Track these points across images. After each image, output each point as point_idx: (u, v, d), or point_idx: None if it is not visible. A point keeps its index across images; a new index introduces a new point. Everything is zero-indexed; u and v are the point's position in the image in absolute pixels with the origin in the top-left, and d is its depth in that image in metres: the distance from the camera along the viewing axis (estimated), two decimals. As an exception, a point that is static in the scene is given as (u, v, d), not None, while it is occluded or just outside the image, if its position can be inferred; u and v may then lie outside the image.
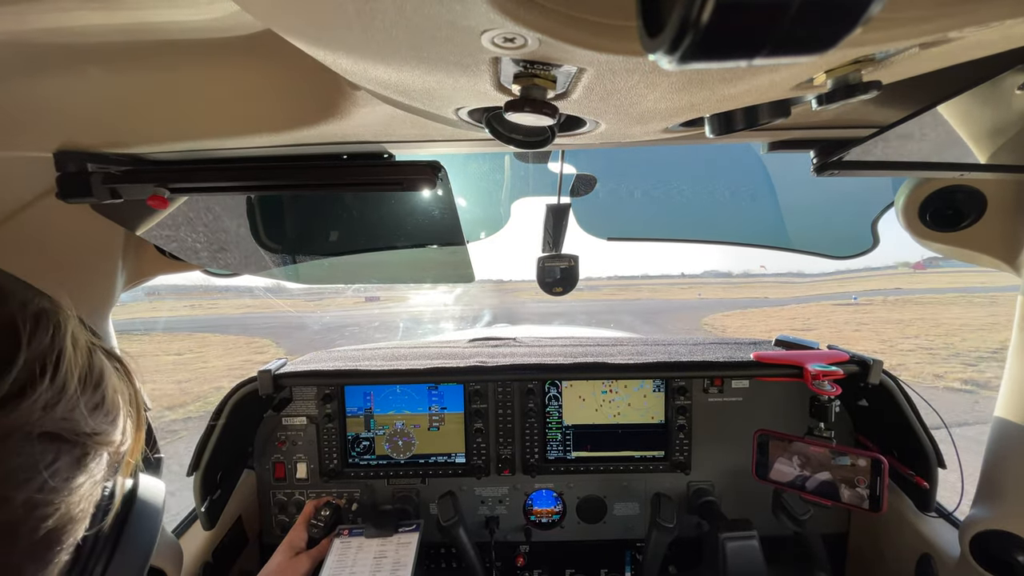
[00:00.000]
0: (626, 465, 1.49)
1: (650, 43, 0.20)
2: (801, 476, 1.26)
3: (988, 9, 0.32)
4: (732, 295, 36.87)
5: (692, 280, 71.27)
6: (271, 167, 0.80)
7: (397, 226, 1.28)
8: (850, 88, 0.43)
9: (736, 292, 39.56)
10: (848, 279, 46.95)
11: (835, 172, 0.78)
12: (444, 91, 0.50)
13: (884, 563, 1.35)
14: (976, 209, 0.97)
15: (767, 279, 55.98)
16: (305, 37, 0.41)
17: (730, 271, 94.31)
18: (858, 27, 0.18)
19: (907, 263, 53.09)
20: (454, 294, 32.85)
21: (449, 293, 31.99)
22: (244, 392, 1.38)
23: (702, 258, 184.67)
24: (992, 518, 0.97)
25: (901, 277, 46.70)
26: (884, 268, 52.38)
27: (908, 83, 0.49)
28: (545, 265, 1.14)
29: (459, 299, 29.92)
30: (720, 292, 41.17)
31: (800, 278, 53.56)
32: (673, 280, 76.67)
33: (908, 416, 1.27)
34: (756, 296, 34.61)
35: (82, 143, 0.71)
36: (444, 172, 0.81)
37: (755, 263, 77.29)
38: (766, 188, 1.36)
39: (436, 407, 1.51)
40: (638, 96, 0.47)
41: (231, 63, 0.55)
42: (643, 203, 1.40)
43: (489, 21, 0.32)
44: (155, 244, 1.07)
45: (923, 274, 46.05)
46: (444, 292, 33.35)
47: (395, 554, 1.23)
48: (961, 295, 25.95)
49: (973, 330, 15.14)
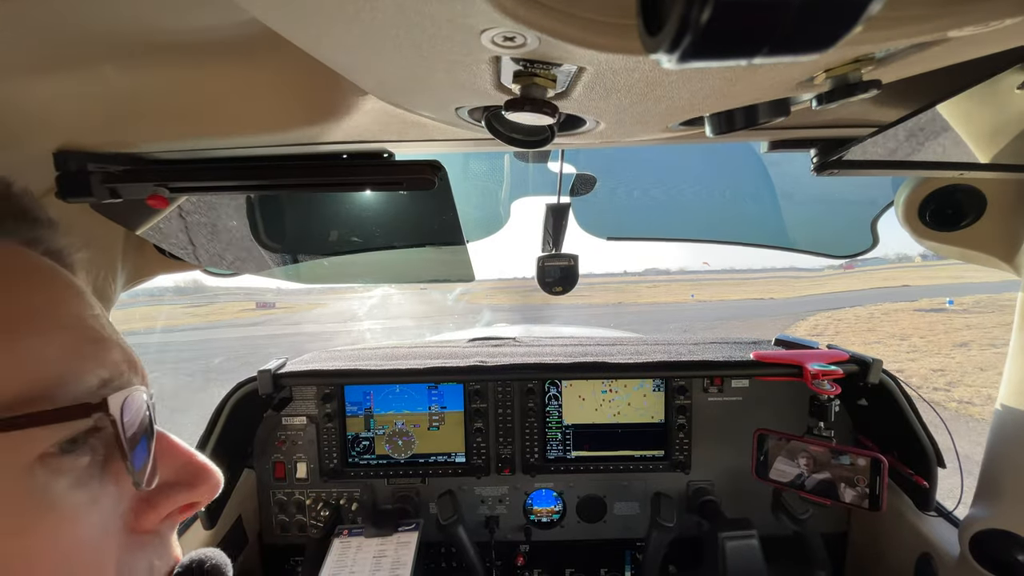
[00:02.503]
0: (626, 465, 1.49)
1: (650, 42, 0.20)
2: (801, 475, 1.26)
3: (988, 9, 0.32)
4: (729, 295, 34.34)
5: (654, 278, 67.96)
6: (271, 166, 0.80)
7: (397, 226, 1.27)
8: (850, 87, 0.43)
9: (732, 292, 36.86)
10: (842, 275, 45.89)
11: (835, 171, 0.78)
12: (444, 90, 0.50)
13: (884, 562, 1.35)
14: (976, 208, 0.97)
15: (756, 275, 54.35)
16: (305, 37, 0.41)
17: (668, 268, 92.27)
18: (858, 26, 0.18)
19: (908, 256, 52.53)
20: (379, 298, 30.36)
21: (374, 302, 28.90)
22: (244, 391, 1.38)
23: (648, 255, 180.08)
24: (992, 517, 0.97)
25: (905, 272, 45.87)
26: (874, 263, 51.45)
27: (908, 82, 0.49)
28: (545, 265, 1.14)
29: (378, 309, 27.14)
30: (714, 292, 38.60)
31: (792, 273, 52.35)
32: (638, 277, 72.92)
33: (908, 415, 1.27)
34: (758, 296, 32.17)
35: (82, 143, 0.71)
36: (444, 172, 0.81)
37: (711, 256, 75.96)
38: (766, 187, 1.36)
39: (436, 407, 1.51)
40: (638, 95, 0.47)
41: (231, 63, 0.55)
42: (643, 203, 1.39)
43: (489, 20, 0.32)
44: (155, 244, 1.07)
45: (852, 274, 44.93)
46: (364, 298, 31.20)
47: (395, 554, 1.24)
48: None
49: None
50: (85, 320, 0.34)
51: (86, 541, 0.31)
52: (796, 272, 53.63)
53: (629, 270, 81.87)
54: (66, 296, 0.35)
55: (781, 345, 1.50)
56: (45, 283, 0.34)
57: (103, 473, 0.33)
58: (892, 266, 55.40)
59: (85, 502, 0.31)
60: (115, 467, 0.34)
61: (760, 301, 28.88)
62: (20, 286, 0.33)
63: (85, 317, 0.35)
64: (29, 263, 0.35)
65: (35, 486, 0.29)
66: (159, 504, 0.36)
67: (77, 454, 0.31)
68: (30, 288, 0.33)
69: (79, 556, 0.31)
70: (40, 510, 0.29)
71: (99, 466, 0.33)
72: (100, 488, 0.33)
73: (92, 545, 0.32)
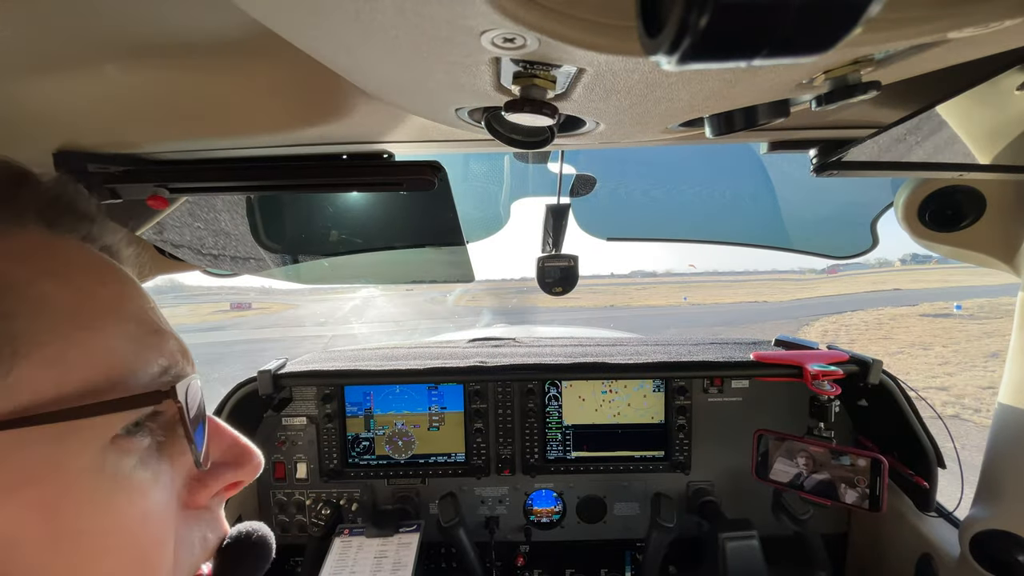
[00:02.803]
0: (626, 465, 1.49)
1: (649, 43, 0.20)
2: (801, 476, 1.26)
3: (988, 9, 0.32)
4: (720, 297, 33.55)
5: (641, 280, 66.35)
6: (271, 167, 0.80)
7: (397, 226, 1.28)
8: (849, 88, 0.43)
9: (722, 295, 36.07)
10: (826, 279, 45.36)
11: (835, 172, 0.78)
12: (444, 91, 0.50)
13: (884, 563, 1.35)
14: (975, 209, 0.98)
15: (740, 278, 53.49)
16: (305, 38, 0.41)
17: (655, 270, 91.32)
18: (858, 28, 0.18)
19: (888, 261, 52.26)
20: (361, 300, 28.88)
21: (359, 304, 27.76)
22: (244, 392, 1.38)
23: (634, 257, 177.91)
24: (992, 518, 0.97)
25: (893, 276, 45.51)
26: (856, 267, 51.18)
27: (908, 83, 0.49)
28: (545, 265, 1.14)
29: (355, 314, 25.87)
30: (705, 294, 37.83)
31: (775, 276, 51.71)
32: (625, 280, 70.86)
33: (908, 416, 1.27)
34: (750, 299, 31.51)
35: (82, 143, 0.71)
36: (444, 172, 0.81)
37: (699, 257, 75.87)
38: (766, 188, 1.36)
39: (436, 407, 1.51)
40: (638, 96, 0.47)
41: (231, 63, 0.55)
42: (643, 203, 1.39)
43: (489, 21, 0.32)
44: (155, 244, 1.07)
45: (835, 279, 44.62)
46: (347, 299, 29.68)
47: (395, 554, 1.24)
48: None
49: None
50: (146, 312, 0.37)
51: (152, 516, 0.34)
52: (779, 275, 53.17)
53: (616, 272, 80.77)
54: (127, 290, 0.37)
55: (781, 346, 1.50)
56: (109, 278, 0.37)
57: (160, 454, 0.36)
58: (874, 270, 55.11)
59: (149, 480, 0.34)
60: (170, 448, 0.37)
61: (754, 305, 28.10)
62: (89, 281, 0.35)
63: (146, 310, 0.37)
64: (92, 259, 0.37)
65: (109, 466, 0.32)
66: (210, 482, 0.39)
67: (140, 436, 0.34)
68: (97, 283, 0.36)
69: (146, 530, 0.34)
70: (114, 488, 0.32)
71: (156, 447, 0.36)
72: (159, 467, 0.35)
73: (156, 520, 0.35)
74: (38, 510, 0.29)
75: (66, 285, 0.33)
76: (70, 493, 0.30)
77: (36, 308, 0.31)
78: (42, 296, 0.32)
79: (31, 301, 0.31)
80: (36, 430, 0.29)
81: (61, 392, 0.30)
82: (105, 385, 0.32)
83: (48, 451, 0.30)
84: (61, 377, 0.31)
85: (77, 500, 0.31)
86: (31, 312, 0.31)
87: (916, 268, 46.86)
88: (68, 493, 0.30)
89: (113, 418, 0.32)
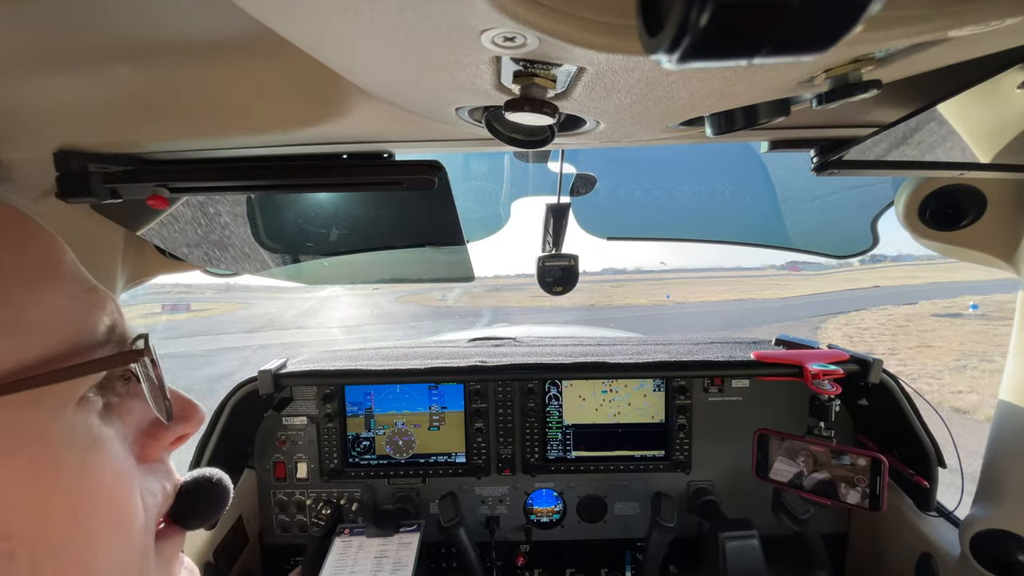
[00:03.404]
0: (626, 465, 1.49)
1: (650, 42, 0.20)
2: (801, 475, 1.26)
3: (988, 9, 0.32)
4: (702, 296, 32.16)
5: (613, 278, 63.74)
6: (271, 167, 0.80)
7: (397, 226, 1.27)
8: (850, 87, 0.43)
9: (703, 292, 34.57)
10: (795, 277, 44.18)
11: (835, 171, 0.78)
12: (444, 90, 0.50)
13: (884, 563, 1.35)
14: (976, 208, 0.97)
15: (707, 274, 51.89)
16: (304, 37, 0.41)
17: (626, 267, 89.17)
18: (858, 26, 0.18)
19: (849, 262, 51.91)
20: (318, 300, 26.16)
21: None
22: (244, 392, 1.38)
23: (605, 255, 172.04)
24: (993, 517, 0.97)
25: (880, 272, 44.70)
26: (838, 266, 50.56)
27: (908, 82, 0.49)
28: (545, 265, 1.14)
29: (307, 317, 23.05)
30: (687, 291, 36.33)
31: (741, 273, 50.31)
32: (599, 277, 68.15)
33: (908, 415, 1.27)
34: (734, 297, 30.36)
35: (82, 143, 0.71)
36: (444, 172, 0.81)
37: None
38: (766, 187, 1.36)
39: (436, 407, 1.51)
40: (638, 95, 0.47)
41: (231, 63, 0.55)
42: (643, 203, 1.39)
43: (489, 20, 0.32)
44: (155, 244, 1.07)
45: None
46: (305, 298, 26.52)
47: (396, 554, 1.24)
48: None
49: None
50: (77, 269, 0.36)
51: (120, 471, 0.35)
52: (744, 272, 52.04)
53: (588, 270, 78.29)
54: (55, 246, 0.36)
55: (781, 345, 1.50)
56: (35, 232, 0.35)
57: (111, 411, 0.36)
58: (834, 270, 54.34)
59: (111, 437, 0.35)
60: (119, 407, 0.37)
61: (744, 303, 26.77)
62: (17, 237, 0.33)
63: (75, 266, 0.36)
64: (10, 212, 0.34)
65: (79, 426, 0.33)
66: (161, 436, 0.40)
67: (97, 396, 0.35)
68: (27, 238, 0.34)
69: (120, 485, 0.35)
70: (88, 448, 0.33)
71: (110, 406, 0.36)
72: (115, 425, 0.36)
73: (124, 473, 0.36)
74: (24, 476, 0.30)
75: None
76: (53, 457, 0.31)
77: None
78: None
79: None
80: (9, 398, 0.29)
81: (23, 358, 0.30)
82: (65, 348, 0.32)
83: (26, 418, 0.30)
84: (20, 343, 0.30)
85: (60, 463, 0.31)
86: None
87: (876, 267, 46.34)
88: (51, 457, 0.31)
89: (80, 381, 0.32)
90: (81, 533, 0.32)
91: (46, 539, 0.31)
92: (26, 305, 0.31)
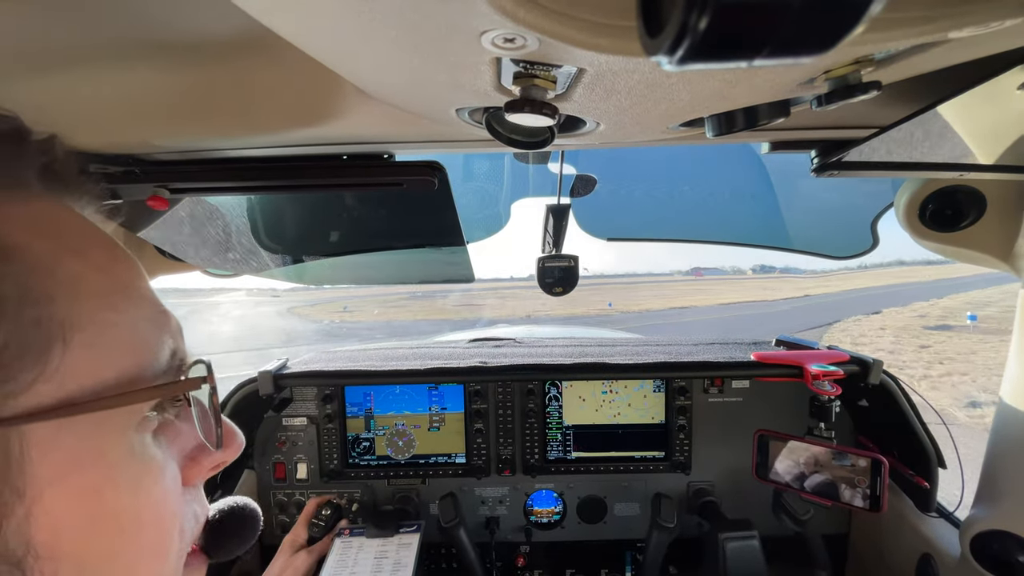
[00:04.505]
0: (626, 465, 1.48)
1: (650, 44, 0.20)
2: (801, 476, 1.26)
3: (988, 10, 0.32)
4: (659, 302, 31.47)
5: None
6: (271, 167, 0.80)
7: (397, 226, 1.27)
8: (850, 88, 0.43)
9: (659, 299, 34.12)
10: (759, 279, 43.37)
11: (835, 173, 0.78)
12: (444, 91, 0.50)
13: (884, 563, 1.34)
14: (976, 209, 0.98)
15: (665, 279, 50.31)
16: (304, 38, 0.41)
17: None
18: (859, 27, 0.18)
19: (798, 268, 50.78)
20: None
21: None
22: (244, 392, 1.38)
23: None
24: (993, 518, 0.97)
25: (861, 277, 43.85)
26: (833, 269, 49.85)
27: (908, 83, 0.49)
28: (545, 265, 1.14)
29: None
30: (630, 297, 35.31)
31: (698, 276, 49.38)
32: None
33: (908, 416, 1.27)
34: (679, 304, 29.61)
35: (83, 143, 0.71)
36: (444, 172, 0.81)
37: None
38: (766, 188, 1.36)
39: (436, 407, 1.50)
40: (638, 97, 0.47)
41: (231, 64, 0.55)
42: (643, 203, 1.40)
43: (489, 22, 0.32)
44: (155, 245, 1.07)
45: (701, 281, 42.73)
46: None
47: (396, 554, 1.23)
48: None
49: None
50: (152, 291, 0.36)
51: (169, 494, 0.35)
52: (667, 277, 51.00)
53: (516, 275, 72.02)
54: (135, 268, 0.36)
55: (782, 345, 1.50)
56: (118, 254, 0.35)
57: (162, 432, 0.37)
58: (727, 277, 53.39)
59: (162, 459, 0.35)
60: (167, 429, 0.37)
61: (730, 307, 25.78)
62: (104, 258, 0.34)
63: (150, 288, 0.36)
64: (98, 233, 0.35)
65: (137, 447, 0.33)
66: (203, 461, 0.40)
67: (153, 418, 0.35)
68: (111, 260, 0.34)
69: (166, 507, 0.35)
70: (143, 469, 0.33)
71: (162, 426, 0.37)
72: (165, 447, 0.36)
73: (172, 496, 0.36)
74: (82, 496, 0.30)
75: (87, 263, 0.32)
76: (111, 477, 0.31)
77: (71, 290, 0.30)
78: (73, 276, 0.31)
79: (65, 282, 0.30)
80: (80, 418, 0.29)
81: (100, 378, 0.30)
82: (135, 370, 0.32)
83: (90, 437, 0.30)
84: (98, 362, 0.31)
85: (116, 483, 0.31)
86: (68, 294, 0.30)
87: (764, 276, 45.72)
88: (109, 477, 0.31)
89: (145, 405, 0.33)
90: (125, 554, 0.32)
91: (91, 560, 0.30)
92: (109, 326, 0.32)
